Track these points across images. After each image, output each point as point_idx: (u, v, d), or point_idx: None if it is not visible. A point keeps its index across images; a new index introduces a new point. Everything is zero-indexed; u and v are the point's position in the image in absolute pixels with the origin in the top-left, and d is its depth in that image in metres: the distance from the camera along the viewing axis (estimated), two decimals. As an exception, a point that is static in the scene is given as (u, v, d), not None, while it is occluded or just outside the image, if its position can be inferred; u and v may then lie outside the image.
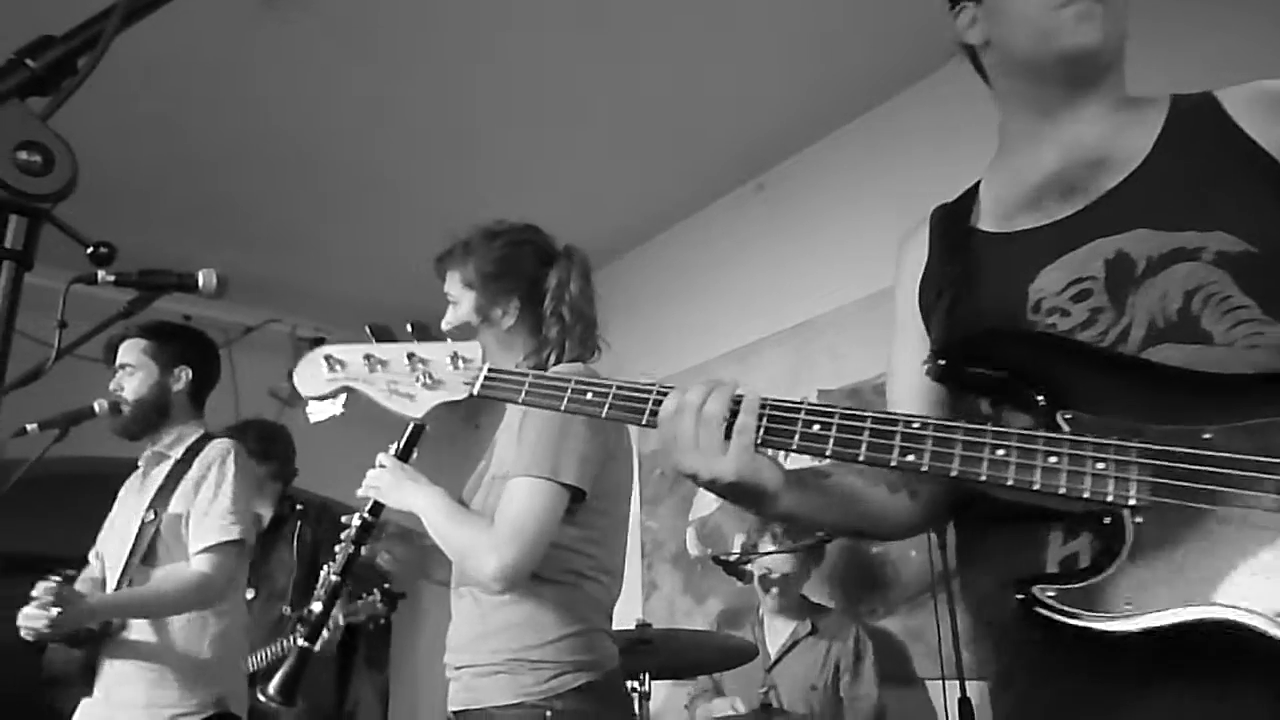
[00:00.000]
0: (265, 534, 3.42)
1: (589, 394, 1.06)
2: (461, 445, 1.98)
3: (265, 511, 3.45)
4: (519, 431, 1.72)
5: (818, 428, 0.98)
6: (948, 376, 1.03)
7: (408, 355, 1.16)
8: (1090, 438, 0.90)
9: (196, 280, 1.78)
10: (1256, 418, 0.86)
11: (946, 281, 1.14)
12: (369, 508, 1.82)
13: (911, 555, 3.06)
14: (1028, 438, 0.91)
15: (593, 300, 1.86)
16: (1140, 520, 0.86)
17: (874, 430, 0.96)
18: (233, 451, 2.51)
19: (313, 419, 4.73)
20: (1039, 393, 0.96)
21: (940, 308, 1.12)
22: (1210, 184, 1.00)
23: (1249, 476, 0.84)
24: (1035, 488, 0.89)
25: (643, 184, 4.11)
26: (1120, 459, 0.88)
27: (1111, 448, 0.88)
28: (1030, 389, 0.97)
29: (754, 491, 1.01)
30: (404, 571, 3.26)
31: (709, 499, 3.93)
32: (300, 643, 1.81)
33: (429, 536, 1.73)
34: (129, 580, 2.38)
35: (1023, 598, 0.87)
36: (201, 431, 2.60)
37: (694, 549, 3.97)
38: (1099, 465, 0.88)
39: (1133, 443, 0.88)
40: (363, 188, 4.03)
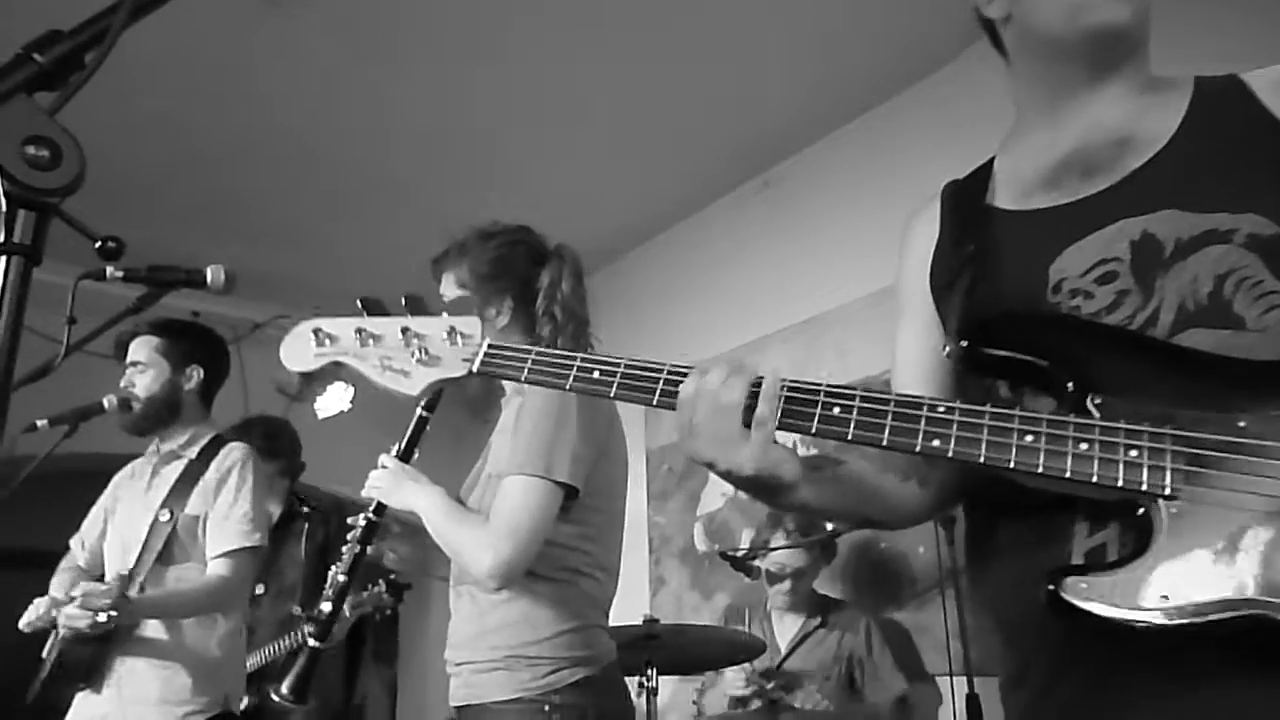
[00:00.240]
0: (274, 530, 3.42)
1: (596, 372, 1.02)
2: (469, 441, 1.98)
3: (275, 509, 3.45)
4: (513, 431, 1.74)
5: (838, 410, 0.94)
6: (969, 359, 0.98)
7: (402, 330, 1.09)
8: (1123, 424, 0.86)
9: (205, 276, 1.78)
10: None
11: (963, 260, 1.09)
12: (373, 508, 1.85)
13: (920, 551, 3.05)
14: (1057, 423, 0.88)
15: (584, 299, 1.87)
16: (1175, 510, 0.83)
17: (897, 414, 0.93)
18: (251, 457, 2.56)
19: (321, 414, 4.77)
20: (1068, 377, 0.92)
21: (958, 288, 1.07)
22: (1240, 166, 0.96)
23: None
24: (1066, 475, 0.86)
25: (645, 183, 4.11)
26: (1154, 446, 0.84)
27: (1145, 434, 0.85)
28: (1058, 373, 0.93)
29: (771, 485, 0.98)
30: (409, 569, 3.28)
31: (716, 495, 3.93)
32: (311, 643, 1.84)
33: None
34: (144, 579, 2.38)
35: (1052, 589, 0.83)
36: (214, 433, 2.63)
37: (701, 544, 3.97)
38: (1132, 452, 0.85)
39: (1166, 429, 0.85)
40: (368, 184, 4.03)
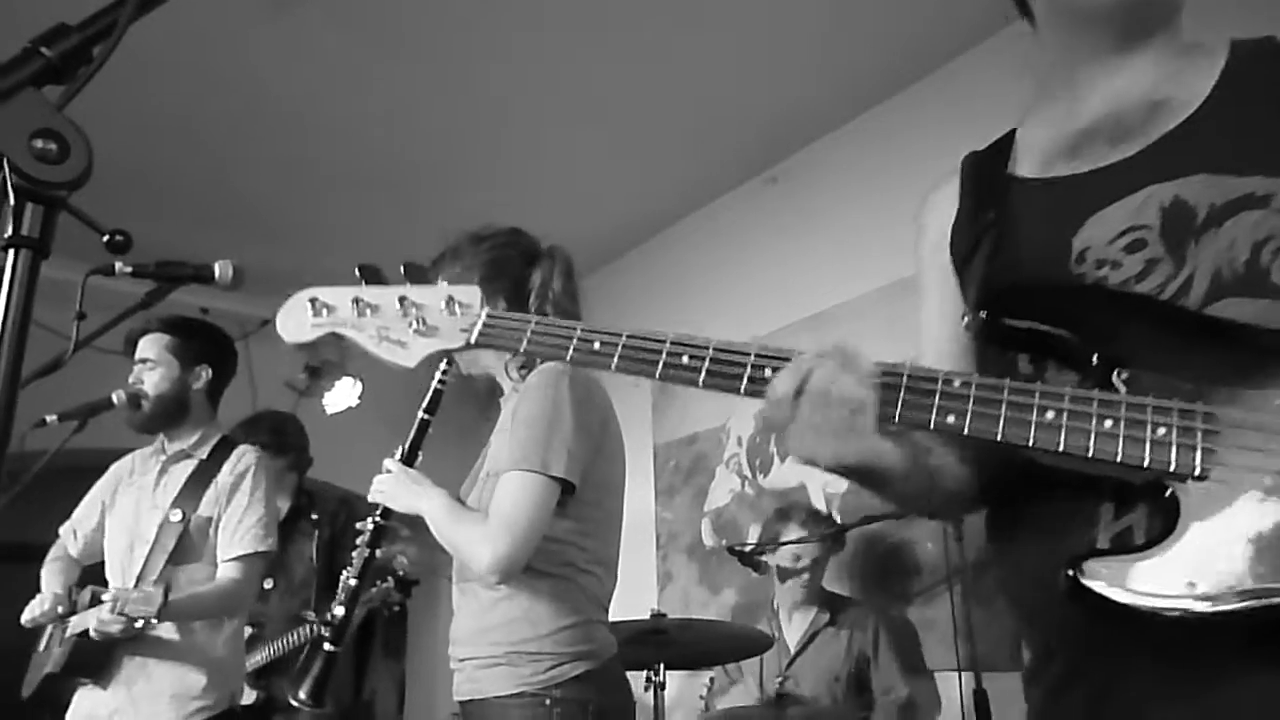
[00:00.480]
0: (282, 525, 3.42)
1: (596, 343, 0.98)
2: (476, 438, 1.99)
3: (283, 504, 3.46)
4: (510, 429, 1.77)
5: None
6: (989, 331, 0.94)
7: (400, 299, 1.06)
8: (1150, 400, 0.81)
9: (213, 271, 1.79)
10: None
11: (982, 229, 1.04)
12: (380, 512, 1.88)
13: (929, 547, 3.05)
14: (1080, 399, 0.83)
15: (576, 297, 1.90)
16: (1204, 492, 0.78)
17: (911, 388, 0.89)
18: (263, 462, 2.60)
19: (329, 410, 4.77)
20: (1093, 350, 0.87)
21: (977, 259, 1.03)
22: (1278, 128, 0.91)
23: None
24: (1089, 454, 0.81)
25: (652, 177, 4.10)
26: (1184, 424, 0.79)
27: (1174, 411, 0.80)
28: (1083, 346, 0.87)
29: (878, 461, 0.94)
30: (418, 570, 3.30)
31: (724, 490, 3.93)
32: (326, 647, 1.86)
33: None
34: (155, 579, 2.38)
35: (1072, 574, 0.79)
36: (222, 433, 2.64)
37: (709, 540, 3.97)
38: (1159, 431, 0.80)
39: (1197, 406, 0.80)
40: (376, 181, 4.03)
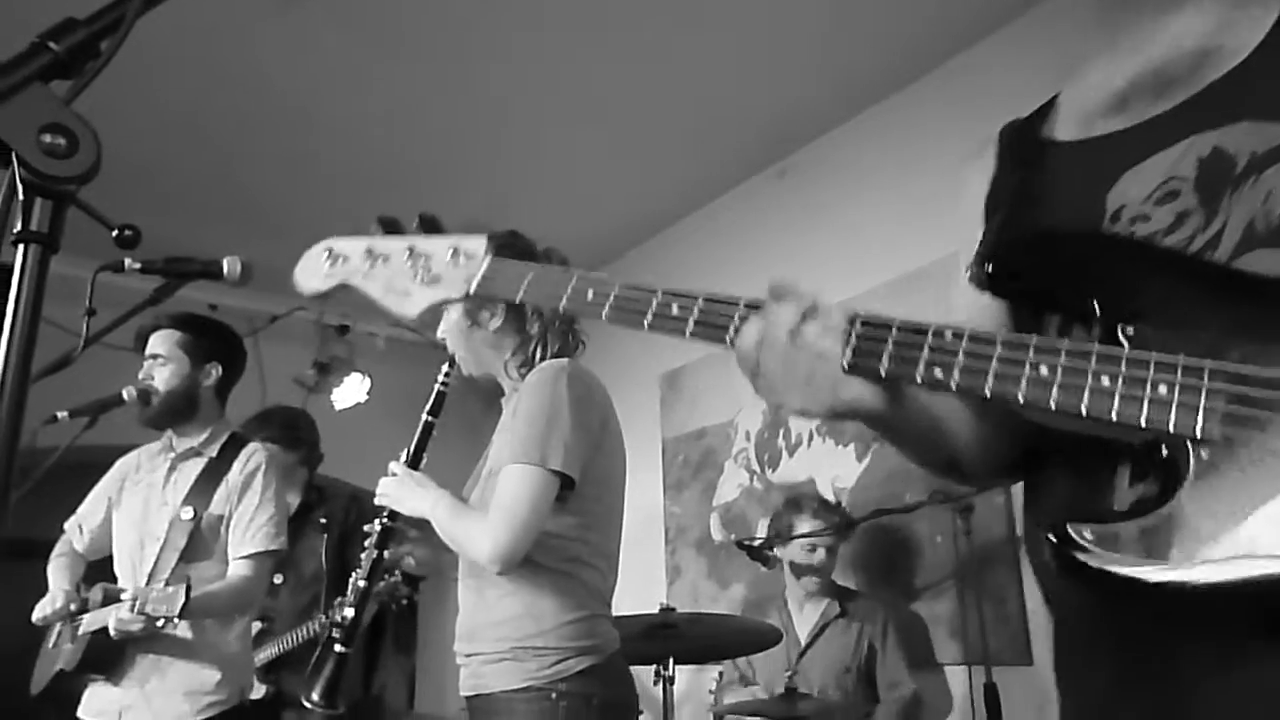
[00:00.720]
0: (292, 521, 3.43)
1: (590, 293, 0.99)
2: (480, 438, 2.01)
3: (293, 500, 3.47)
4: (510, 426, 1.81)
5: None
6: (992, 285, 0.89)
7: (408, 249, 1.05)
8: (1154, 356, 0.75)
9: (221, 268, 1.80)
10: None
11: (1008, 190, 1.00)
12: (386, 514, 1.91)
13: (937, 540, 3.04)
14: (1077, 354, 0.78)
15: None
16: (1206, 456, 0.72)
17: (899, 341, 0.84)
18: (273, 460, 2.61)
19: (338, 406, 4.77)
20: (1100, 303, 0.81)
21: (993, 223, 0.99)
22: None
23: None
24: (1081, 413, 0.76)
25: (659, 172, 4.09)
26: (1188, 382, 0.74)
27: (1178, 368, 0.74)
28: (1082, 298, 0.82)
29: (852, 417, 0.91)
30: (426, 572, 3.31)
31: (733, 485, 3.93)
32: (337, 648, 1.88)
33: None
34: (167, 576, 2.40)
35: (1055, 542, 0.74)
36: (231, 430, 2.65)
37: (718, 534, 3.96)
38: (1160, 389, 0.74)
39: (1205, 364, 0.74)
40: (382, 178, 4.03)
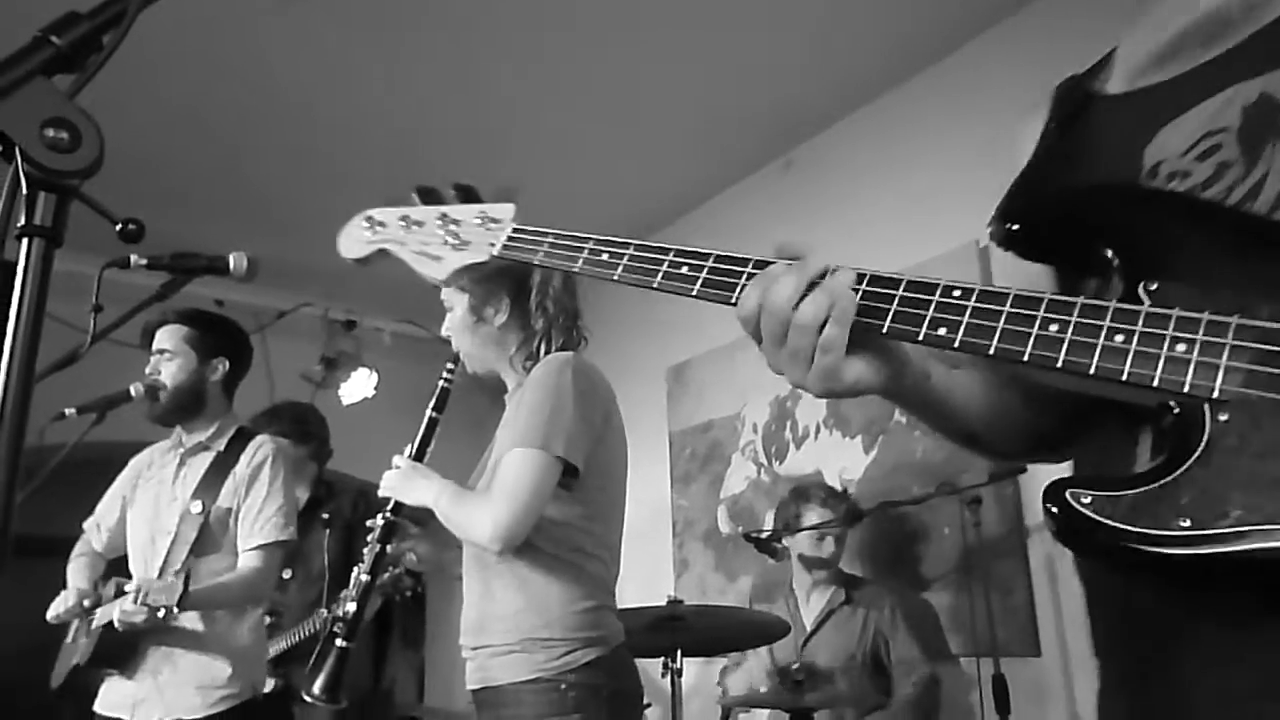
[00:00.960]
0: (301, 515, 3.44)
1: (604, 254, 0.99)
2: (485, 433, 2.01)
3: (302, 494, 3.48)
4: (514, 419, 1.83)
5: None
6: (1013, 242, 0.85)
7: (440, 216, 1.10)
8: (1176, 312, 0.71)
9: (227, 263, 1.80)
10: None
11: (1044, 144, 0.94)
12: (390, 507, 1.92)
13: (945, 532, 3.03)
14: (1092, 310, 0.74)
15: (574, 293, 1.99)
16: (1225, 419, 0.68)
17: (905, 299, 0.80)
18: (280, 452, 2.62)
19: (345, 401, 4.78)
20: (1120, 258, 0.77)
21: (1034, 178, 0.93)
22: None
23: None
24: (1090, 372, 0.72)
25: (664, 166, 4.08)
26: (1210, 339, 0.69)
27: (1199, 325, 0.70)
28: (1107, 253, 0.78)
29: (854, 393, 0.86)
30: (428, 569, 3.32)
31: (740, 477, 3.92)
32: (339, 643, 1.88)
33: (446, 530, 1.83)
34: (178, 570, 2.40)
35: (1049, 506, 0.70)
36: (239, 424, 2.66)
37: (725, 527, 3.96)
38: (1179, 347, 0.70)
39: (1232, 320, 0.69)
40: (388, 173, 4.02)
